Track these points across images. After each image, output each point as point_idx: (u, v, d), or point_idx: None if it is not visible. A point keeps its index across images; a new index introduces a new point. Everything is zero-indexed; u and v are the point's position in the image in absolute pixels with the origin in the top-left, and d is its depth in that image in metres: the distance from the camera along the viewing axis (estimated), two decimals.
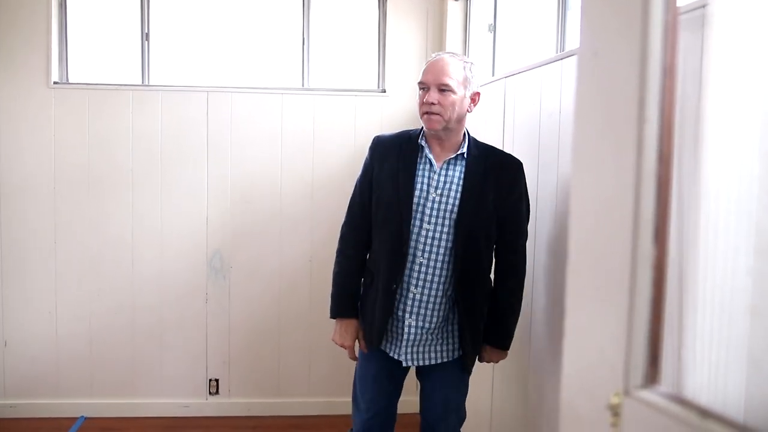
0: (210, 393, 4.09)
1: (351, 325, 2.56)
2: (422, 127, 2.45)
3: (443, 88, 2.33)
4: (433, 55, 2.45)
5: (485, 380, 3.06)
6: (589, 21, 0.91)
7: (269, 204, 4.00)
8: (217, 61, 4.10)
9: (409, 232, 2.37)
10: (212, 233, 3.99)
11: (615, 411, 0.83)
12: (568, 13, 2.72)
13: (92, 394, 4.03)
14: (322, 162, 3.98)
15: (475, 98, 2.42)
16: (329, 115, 4.00)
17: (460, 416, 2.59)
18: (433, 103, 2.33)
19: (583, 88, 0.90)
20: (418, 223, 2.37)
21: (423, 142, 2.43)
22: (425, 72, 2.39)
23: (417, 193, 2.39)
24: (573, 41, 2.68)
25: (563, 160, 2.33)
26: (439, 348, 2.47)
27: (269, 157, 3.97)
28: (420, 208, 2.37)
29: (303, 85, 4.07)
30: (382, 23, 4.08)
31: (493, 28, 3.64)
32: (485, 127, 3.14)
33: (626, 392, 0.84)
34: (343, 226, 2.59)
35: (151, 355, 4.04)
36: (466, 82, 2.37)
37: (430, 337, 2.44)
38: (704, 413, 0.72)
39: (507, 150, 2.81)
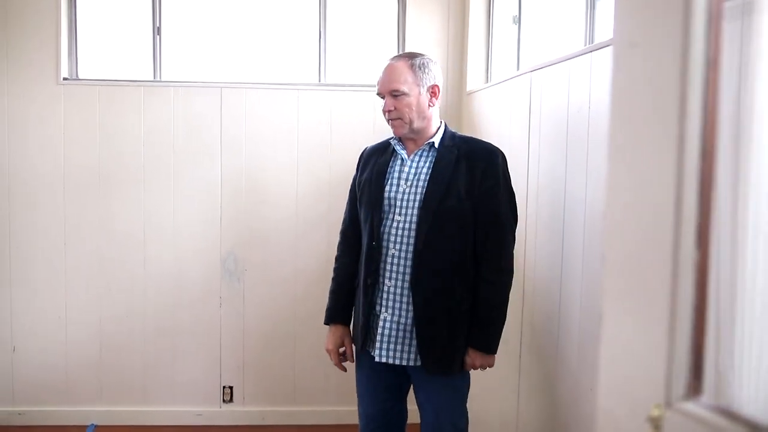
0: (224, 401, 4.09)
1: (336, 330, 2.68)
2: None
3: (395, 94, 2.47)
4: (386, 62, 2.58)
5: (510, 390, 3.04)
6: (624, 9, 0.90)
7: (285, 204, 4.01)
8: (231, 55, 4.11)
9: (381, 225, 2.49)
10: (226, 234, 4.00)
11: (656, 424, 0.81)
12: (598, 2, 2.69)
13: (102, 402, 4.05)
14: (339, 160, 3.98)
15: (435, 91, 2.52)
16: (347, 112, 3.99)
17: (459, 427, 2.56)
18: (390, 110, 2.47)
19: (620, 82, 0.88)
20: (390, 216, 2.48)
21: (394, 140, 2.57)
22: (378, 82, 2.54)
23: (388, 187, 2.51)
24: (603, 32, 2.65)
25: (593, 158, 2.31)
26: (402, 347, 2.48)
27: (285, 155, 3.98)
28: (392, 201, 2.49)
29: (320, 81, 4.07)
30: (402, 16, 4.07)
31: (518, 20, 3.62)
32: (510, 124, 3.12)
33: (668, 404, 0.82)
34: (339, 233, 2.79)
35: (163, 361, 4.06)
36: (417, 80, 2.48)
37: (406, 335, 2.46)
38: (753, 427, 0.70)
39: (533, 149, 2.79)
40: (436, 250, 2.40)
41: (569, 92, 2.48)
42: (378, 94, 2.54)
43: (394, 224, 2.46)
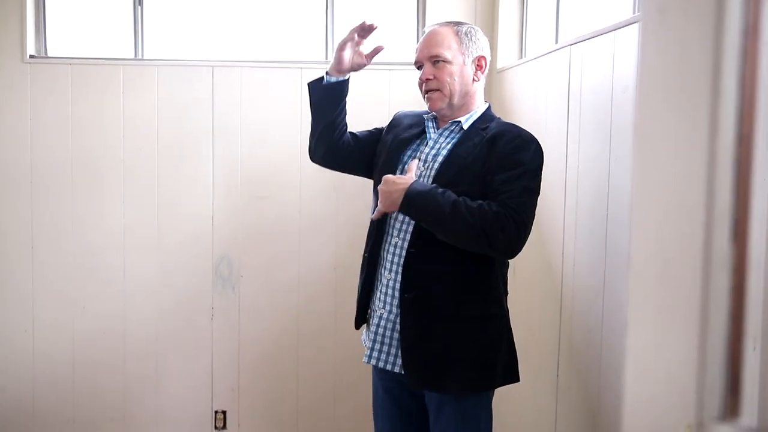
0: (216, 427, 4.13)
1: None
2: None
3: (436, 60, 2.48)
4: (425, 29, 2.61)
5: (547, 416, 3.04)
6: None
7: (286, 200, 4.03)
8: (224, 29, 4.13)
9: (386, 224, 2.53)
10: (219, 235, 4.03)
11: None
12: None
13: (75, 428, 4.09)
14: None
15: (481, 63, 2.54)
16: (359, 93, 3.98)
17: None
18: (428, 79, 2.49)
19: (647, 54, 0.89)
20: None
21: (429, 116, 2.60)
22: (416, 50, 2.57)
23: (400, 166, 2.54)
24: None
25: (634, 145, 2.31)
26: (389, 350, 2.50)
27: (287, 144, 4.00)
28: None
29: (327, 58, 4.09)
30: None
31: None
32: (546, 105, 3.12)
33: (700, 425, 0.83)
34: None
35: (146, 382, 4.10)
36: (462, 48, 2.50)
37: (394, 336, 2.48)
38: None
39: (572, 134, 2.80)
40: (434, 242, 2.37)
41: (614, 69, 2.49)
42: (415, 62, 2.57)
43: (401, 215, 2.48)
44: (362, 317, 2.66)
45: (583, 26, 3.27)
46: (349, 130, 2.81)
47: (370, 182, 2.64)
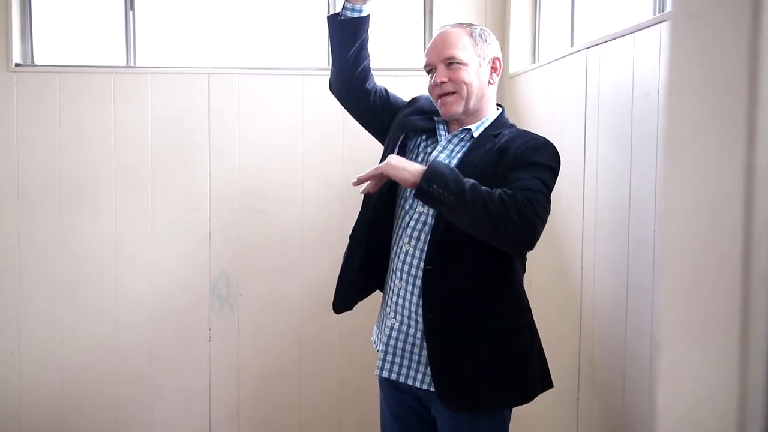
0: None
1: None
2: None
3: (451, 62, 2.47)
4: (435, 30, 2.61)
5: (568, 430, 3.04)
6: None
7: (287, 213, 4.04)
8: (221, 35, 4.15)
9: (397, 207, 2.56)
10: (216, 251, 4.04)
11: None
12: None
13: None
14: (354, 159, 4.00)
15: (496, 65, 2.55)
16: None
17: None
18: (443, 81, 2.46)
19: (677, 60, 0.90)
20: (409, 203, 2.50)
21: (440, 123, 2.58)
22: (427, 53, 2.54)
23: (408, 153, 2.56)
24: None
25: (664, 153, 2.31)
26: (410, 364, 2.48)
27: (287, 154, 4.01)
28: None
29: (329, 64, 4.10)
30: None
31: None
32: (562, 111, 3.13)
33: None
34: None
35: (139, 408, 4.09)
36: (478, 49, 2.51)
37: (414, 350, 2.48)
38: None
39: (590, 143, 2.80)
40: (455, 255, 2.39)
41: (634, 73, 2.49)
42: (426, 66, 2.55)
43: (415, 215, 2.47)
44: (345, 302, 2.70)
45: (600, 28, 3.28)
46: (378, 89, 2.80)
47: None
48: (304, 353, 4.09)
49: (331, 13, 2.76)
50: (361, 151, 3.97)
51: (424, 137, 2.60)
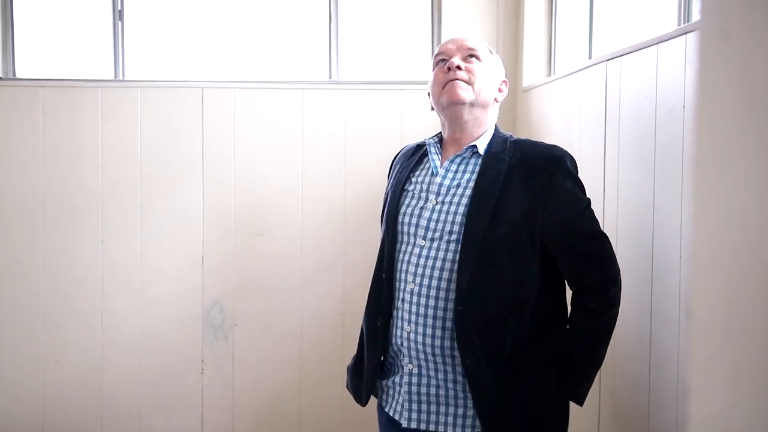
0: None
1: None
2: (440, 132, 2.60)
3: (471, 54, 2.49)
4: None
5: None
6: None
7: (286, 237, 4.04)
8: (215, 47, 4.16)
9: (394, 251, 2.48)
10: (210, 278, 4.03)
11: None
12: None
13: None
14: (357, 179, 4.01)
15: (502, 87, 2.58)
16: (366, 116, 4.02)
17: None
18: (458, 67, 2.45)
19: (708, 80, 0.89)
20: (407, 239, 2.45)
21: (431, 140, 2.56)
22: (443, 44, 2.56)
23: (407, 201, 2.49)
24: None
25: (692, 175, 2.30)
26: (447, 410, 2.42)
27: (286, 174, 4.02)
28: (411, 220, 2.44)
29: (330, 77, 4.11)
30: None
31: None
32: (579, 128, 3.13)
33: None
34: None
35: None
36: (494, 60, 2.55)
37: (449, 394, 2.41)
38: None
39: (609, 162, 2.80)
40: (485, 295, 2.34)
41: (657, 87, 2.49)
42: (439, 55, 2.55)
43: (415, 250, 2.41)
44: (371, 387, 2.61)
45: (621, 39, 3.28)
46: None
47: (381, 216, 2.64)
48: (304, 386, 4.08)
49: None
50: (364, 170, 3.97)
51: (417, 171, 2.56)
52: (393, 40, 4.19)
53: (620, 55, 2.79)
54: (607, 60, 2.90)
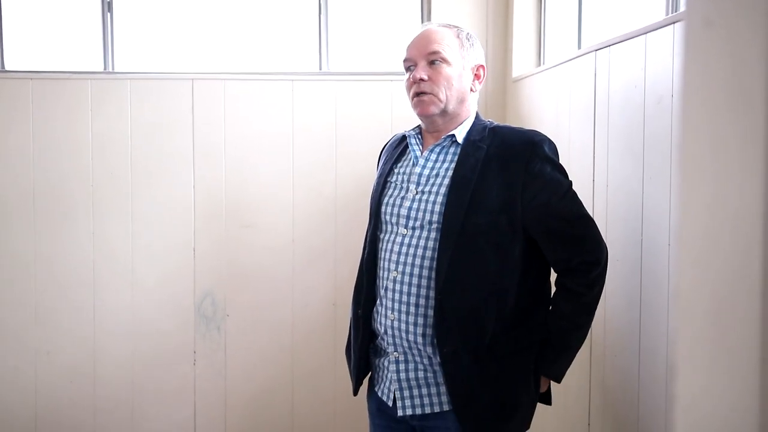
0: None
1: None
2: None
3: (433, 59, 2.45)
4: (420, 27, 2.58)
5: None
6: None
7: (278, 227, 4.04)
8: (206, 39, 4.15)
9: (377, 241, 2.52)
10: (201, 269, 4.03)
11: None
12: None
13: None
14: (347, 170, 4.01)
15: (479, 73, 2.54)
16: (357, 107, 4.02)
17: None
18: (422, 79, 2.43)
19: (692, 69, 0.91)
20: (390, 227, 2.48)
21: (411, 132, 2.58)
22: (408, 47, 2.52)
23: (390, 191, 2.52)
24: None
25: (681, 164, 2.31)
26: (438, 390, 2.44)
27: (277, 165, 4.02)
28: (393, 210, 2.47)
29: (321, 68, 4.11)
30: None
31: None
32: (569, 117, 3.14)
33: None
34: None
35: None
36: (464, 51, 2.49)
37: (428, 378, 2.44)
38: None
39: (599, 152, 2.81)
40: (465, 284, 2.35)
41: (646, 76, 2.50)
42: (406, 61, 2.52)
43: (398, 239, 2.43)
44: (358, 372, 2.64)
45: (609, 29, 3.30)
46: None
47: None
48: (296, 376, 4.08)
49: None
50: (354, 161, 3.97)
51: (399, 162, 2.58)
52: (383, 31, 4.19)
53: (609, 45, 2.80)
54: (596, 50, 2.90)
